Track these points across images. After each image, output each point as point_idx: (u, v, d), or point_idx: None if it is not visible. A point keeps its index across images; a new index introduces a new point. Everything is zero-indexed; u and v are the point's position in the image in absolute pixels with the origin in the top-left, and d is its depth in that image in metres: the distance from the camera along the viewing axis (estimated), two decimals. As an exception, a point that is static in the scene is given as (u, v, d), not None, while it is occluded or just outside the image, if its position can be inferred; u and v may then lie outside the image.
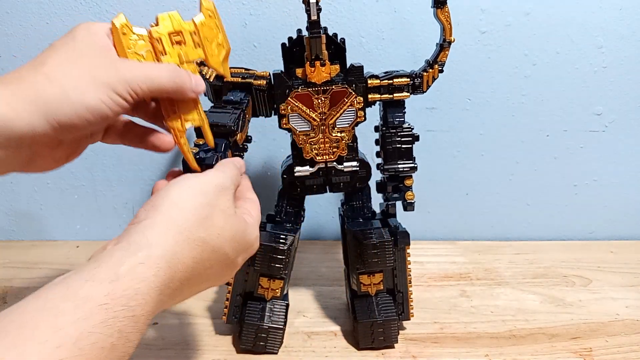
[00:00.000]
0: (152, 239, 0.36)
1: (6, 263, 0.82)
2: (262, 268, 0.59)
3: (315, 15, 0.51)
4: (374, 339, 0.60)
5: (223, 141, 0.49)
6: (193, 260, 0.38)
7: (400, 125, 0.58)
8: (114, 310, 0.31)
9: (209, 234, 0.39)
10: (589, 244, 0.85)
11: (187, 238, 0.37)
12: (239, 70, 0.58)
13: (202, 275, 0.39)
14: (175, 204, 0.38)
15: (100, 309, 0.31)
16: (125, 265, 0.33)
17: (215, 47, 0.46)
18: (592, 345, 0.60)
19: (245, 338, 0.60)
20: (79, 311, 0.30)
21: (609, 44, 0.78)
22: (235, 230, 0.42)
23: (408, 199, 0.60)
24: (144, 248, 0.35)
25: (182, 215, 0.38)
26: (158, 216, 0.37)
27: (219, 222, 0.40)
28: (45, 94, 0.38)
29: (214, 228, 0.39)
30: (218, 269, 0.41)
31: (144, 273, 0.34)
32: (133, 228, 0.36)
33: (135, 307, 0.33)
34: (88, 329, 0.30)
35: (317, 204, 0.87)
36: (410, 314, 0.63)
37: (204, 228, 0.39)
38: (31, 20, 0.80)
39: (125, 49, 0.42)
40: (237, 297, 0.61)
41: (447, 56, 0.58)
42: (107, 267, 0.33)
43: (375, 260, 0.59)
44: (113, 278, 0.32)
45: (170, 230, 0.37)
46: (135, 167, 0.87)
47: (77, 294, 0.31)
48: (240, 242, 0.42)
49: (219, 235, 0.40)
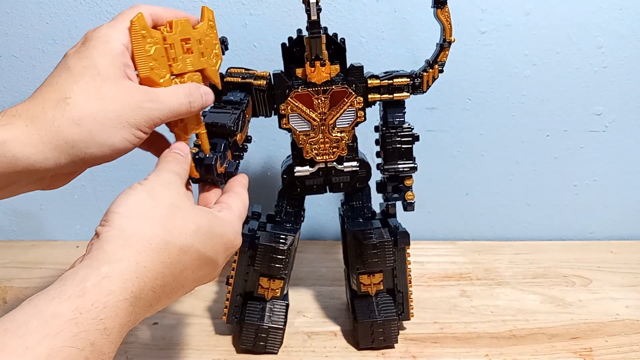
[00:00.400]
0: (112, 253, 0.35)
1: (6, 263, 0.82)
2: (262, 268, 0.59)
3: (315, 15, 0.51)
4: (374, 339, 0.60)
5: (222, 141, 0.49)
6: (162, 265, 0.37)
7: (400, 126, 0.58)
8: (84, 324, 0.31)
9: (171, 234, 0.38)
10: (589, 244, 0.85)
11: (149, 244, 0.37)
12: (239, 71, 0.58)
13: (178, 278, 0.39)
14: (125, 215, 0.37)
15: (69, 323, 0.31)
16: (91, 281, 0.33)
17: (214, 57, 0.47)
18: (592, 345, 0.60)
19: (245, 338, 0.60)
20: (48, 328, 0.30)
21: (609, 44, 0.78)
22: (198, 224, 0.40)
23: (408, 199, 0.59)
24: (106, 263, 0.34)
25: (136, 224, 0.37)
26: (112, 231, 0.36)
27: (177, 219, 0.39)
28: (72, 139, 0.39)
29: (174, 226, 0.38)
30: (195, 269, 0.40)
31: (109, 286, 0.33)
32: (94, 245, 0.36)
33: (106, 319, 0.32)
34: (58, 345, 0.30)
35: (317, 204, 0.87)
36: (410, 314, 0.63)
37: (163, 229, 0.38)
38: (31, 20, 0.80)
39: (145, 53, 0.42)
40: (237, 297, 0.61)
41: (447, 56, 0.58)
42: (73, 284, 0.33)
43: (375, 260, 0.59)
44: (80, 294, 0.32)
45: (127, 241, 0.36)
46: (135, 167, 0.87)
47: (45, 312, 0.31)
48: (209, 235, 0.41)
49: (182, 232, 0.39)
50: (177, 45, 0.44)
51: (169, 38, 0.43)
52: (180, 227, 0.39)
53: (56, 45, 0.81)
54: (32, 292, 0.32)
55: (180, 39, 0.44)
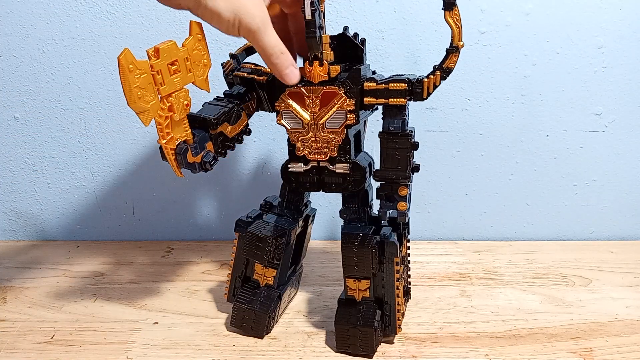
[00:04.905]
0: None
1: (6, 263, 0.82)
2: (249, 254, 0.62)
3: (310, 15, 0.51)
4: (349, 345, 0.58)
5: (202, 133, 0.53)
6: None
7: (396, 132, 0.55)
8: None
9: None
10: (589, 244, 0.85)
11: None
12: (249, 66, 0.59)
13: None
14: None
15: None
16: None
17: (201, 68, 0.50)
18: (592, 345, 0.60)
19: (234, 317, 0.63)
20: None
21: (609, 44, 0.78)
22: None
23: (400, 209, 0.55)
24: None
25: None
26: None
27: None
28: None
29: None
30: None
31: None
32: None
33: None
34: None
35: (317, 204, 0.87)
36: (398, 329, 0.59)
37: None
38: (31, 20, 0.80)
39: (132, 85, 0.44)
40: (237, 278, 0.64)
41: (456, 62, 0.53)
42: None
43: (352, 265, 0.57)
44: None
45: None
46: (136, 167, 0.87)
47: None
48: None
49: None
50: (164, 70, 0.47)
51: (156, 65, 0.46)
52: None
53: (56, 45, 0.81)
54: (32, 292, 0.32)
55: (167, 64, 0.47)
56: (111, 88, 0.83)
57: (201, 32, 0.49)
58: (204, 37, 0.49)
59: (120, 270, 0.79)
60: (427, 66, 0.60)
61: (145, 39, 0.80)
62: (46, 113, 0.85)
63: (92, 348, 0.61)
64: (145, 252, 0.85)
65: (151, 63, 0.45)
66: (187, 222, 0.91)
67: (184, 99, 0.49)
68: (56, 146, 0.87)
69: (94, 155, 0.87)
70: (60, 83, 0.83)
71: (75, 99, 0.84)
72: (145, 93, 0.45)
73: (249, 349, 0.60)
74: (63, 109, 0.85)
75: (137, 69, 0.44)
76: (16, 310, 0.68)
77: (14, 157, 0.88)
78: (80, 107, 0.84)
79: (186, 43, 0.48)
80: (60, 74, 0.82)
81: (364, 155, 0.61)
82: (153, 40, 0.78)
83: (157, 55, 0.46)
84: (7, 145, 0.87)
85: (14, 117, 0.85)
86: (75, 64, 0.82)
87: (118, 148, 0.86)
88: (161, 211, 0.90)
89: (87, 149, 0.87)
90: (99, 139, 0.86)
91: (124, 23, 0.80)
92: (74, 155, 0.87)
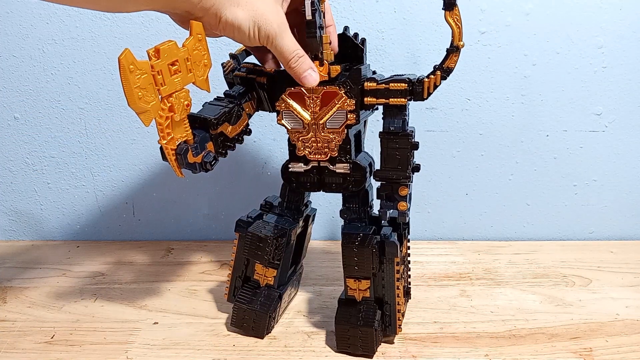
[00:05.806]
0: None
1: (6, 263, 0.82)
2: (249, 254, 0.62)
3: (310, 15, 0.51)
4: (349, 345, 0.59)
5: (202, 133, 0.53)
6: None
7: (397, 132, 0.55)
8: None
9: None
10: (589, 244, 0.85)
11: None
12: (249, 66, 0.59)
13: None
14: None
15: None
16: None
17: (202, 68, 0.50)
18: (592, 345, 0.60)
19: (234, 317, 0.63)
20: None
21: (609, 44, 0.78)
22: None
23: (400, 209, 0.56)
24: None
25: None
26: None
27: None
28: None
29: None
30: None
31: None
32: None
33: None
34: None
35: (317, 204, 0.87)
36: (398, 329, 0.59)
37: None
38: (31, 20, 0.80)
39: (132, 85, 0.44)
40: (237, 278, 0.64)
41: (456, 62, 0.53)
42: None
43: (352, 265, 0.57)
44: None
45: None
46: (136, 167, 0.87)
47: None
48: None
49: None
50: (165, 70, 0.47)
51: (157, 66, 0.46)
52: None
53: (56, 45, 0.81)
54: (32, 292, 0.32)
55: (168, 64, 0.47)
56: (111, 88, 0.83)
57: (201, 32, 0.49)
58: (205, 37, 0.49)
59: (120, 270, 0.79)
60: (427, 66, 0.60)
61: (145, 39, 0.80)
62: (46, 113, 0.85)
63: (92, 348, 0.61)
64: (145, 252, 0.85)
65: (152, 63, 0.45)
66: (187, 222, 0.91)
67: (185, 99, 0.49)
68: (56, 146, 0.87)
69: (94, 155, 0.87)
70: (60, 83, 0.83)
71: (75, 99, 0.84)
72: (146, 93, 0.45)
73: (249, 349, 0.61)
74: (63, 109, 0.85)
75: (137, 69, 0.44)
76: (16, 310, 0.68)
77: (14, 157, 0.88)
78: (80, 107, 0.84)
79: (186, 43, 0.48)
80: (60, 74, 0.82)
81: (365, 155, 0.61)
82: (153, 40, 0.78)
83: (157, 56, 0.46)
84: (7, 145, 0.87)
85: (14, 117, 0.85)
86: (75, 64, 0.82)
87: (118, 148, 0.86)
88: (161, 211, 0.90)
89: (87, 149, 0.87)
90: (99, 139, 0.86)
91: (124, 23, 0.80)
92: (74, 155, 0.87)
